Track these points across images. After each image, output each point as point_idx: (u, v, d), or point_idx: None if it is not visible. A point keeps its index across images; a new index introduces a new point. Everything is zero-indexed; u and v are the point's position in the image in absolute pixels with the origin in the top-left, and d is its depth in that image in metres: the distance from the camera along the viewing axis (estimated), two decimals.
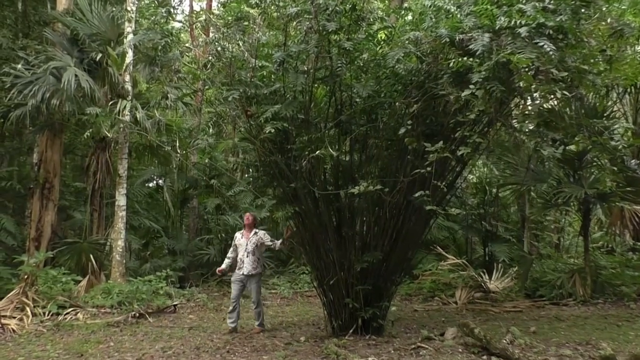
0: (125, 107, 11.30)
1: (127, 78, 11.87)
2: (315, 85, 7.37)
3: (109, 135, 11.42)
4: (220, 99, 8.02)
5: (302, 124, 7.33)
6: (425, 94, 6.54)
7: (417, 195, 6.07)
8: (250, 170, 16.79)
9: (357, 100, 7.34)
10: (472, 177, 15.61)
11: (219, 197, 15.06)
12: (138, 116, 11.25)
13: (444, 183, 6.87)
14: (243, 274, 7.87)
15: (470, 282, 11.16)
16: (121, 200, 11.59)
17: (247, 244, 7.94)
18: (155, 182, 18.39)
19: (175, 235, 15.27)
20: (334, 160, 7.42)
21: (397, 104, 6.92)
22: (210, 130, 16.99)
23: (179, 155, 15.52)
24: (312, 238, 7.70)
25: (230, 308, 8.00)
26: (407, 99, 6.70)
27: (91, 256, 11.10)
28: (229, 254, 8.15)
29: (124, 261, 11.61)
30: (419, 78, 6.78)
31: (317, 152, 6.47)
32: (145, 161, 14.91)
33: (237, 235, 8.14)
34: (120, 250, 11.41)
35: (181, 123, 15.53)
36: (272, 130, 6.64)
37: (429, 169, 5.76)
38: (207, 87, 10.90)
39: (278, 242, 7.93)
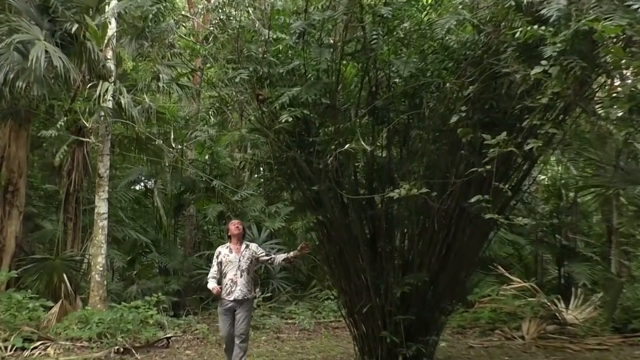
0: (107, 90, 11.46)
1: (110, 55, 12.05)
2: (344, 62, 7.39)
3: (87, 125, 11.60)
4: (224, 80, 8.09)
5: (327, 110, 7.35)
6: (484, 72, 6.50)
7: (473, 200, 6.03)
8: (262, 169, 16.95)
9: (397, 80, 7.34)
10: (543, 177, 15.48)
11: (222, 203, 15.21)
12: (123, 102, 11.42)
13: (507, 185, 6.82)
14: (235, 299, 7.52)
15: (541, 312, 11.05)
16: (102, 206, 11.77)
17: (239, 260, 7.62)
18: (143, 184, 18.64)
19: (168, 251, 15.47)
20: (368, 157, 7.43)
21: (447, 85, 6.90)
22: (212, 120, 17.14)
23: (173, 150, 15.71)
24: (340, 254, 7.74)
25: (225, 347, 7.95)
26: (460, 79, 6.68)
27: (65, 276, 11.27)
28: (213, 275, 7.81)
29: (105, 282, 11.79)
30: (475, 52, 6.75)
31: (347, 146, 6.49)
32: (132, 158, 15.14)
33: (222, 250, 7.80)
34: (101, 269, 11.59)
35: (176, 110, 15.73)
36: (290, 119, 6.68)
37: (488, 167, 5.72)
38: (208, 65, 11.02)
39: (279, 258, 7.71)
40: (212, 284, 7.68)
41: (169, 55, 13.44)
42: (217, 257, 7.74)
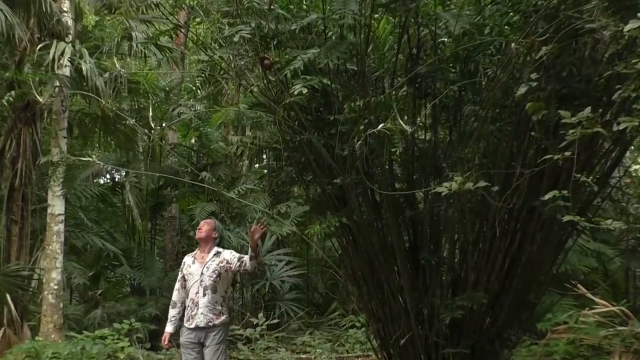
0: (62, 53, 11.52)
1: (66, 6, 12.11)
2: (376, 15, 7.39)
3: (37, 99, 11.67)
4: (217, 40, 8.11)
5: (353, 80, 7.35)
6: (560, 28, 6.48)
7: (546, 197, 6.03)
8: (266, 156, 16.99)
9: (445, 40, 7.34)
10: (638, 167, 15.39)
11: (213, 202, 15.29)
12: (84, 68, 11.49)
13: (591, 178, 6.81)
14: (196, 326, 7.45)
15: (635, 345, 11.02)
16: (56, 205, 11.86)
17: (202, 274, 7.58)
18: (110, 176, 18.76)
19: (143, 264, 15.60)
20: (407, 140, 7.44)
21: (512, 45, 6.88)
22: (201, 92, 17.21)
23: (149, 132, 15.77)
24: (370, 269, 7.77)
25: None
26: (529, 38, 6.66)
27: (8, 297, 11.35)
28: (174, 296, 7.79)
29: (61, 305, 11.88)
30: (549, 1, 6.73)
31: (379, 127, 6.48)
32: (96, 142, 15.22)
33: (187, 260, 7.88)
34: (55, 287, 11.68)
35: (154, 80, 15.79)
36: (305, 91, 6.68)
37: (567, 153, 5.71)
38: (196, 20, 11.05)
39: (247, 259, 7.53)
40: (169, 327, 7.72)
41: (144, 7, 13.45)
42: (181, 268, 7.91)
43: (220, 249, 7.79)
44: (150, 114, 14.13)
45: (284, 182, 9.55)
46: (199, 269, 7.62)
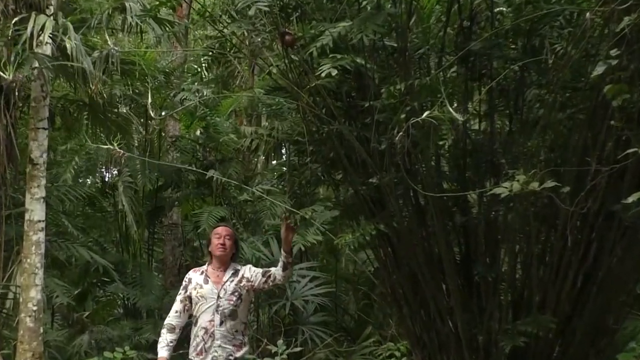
0: (43, 28, 11.57)
1: None
2: None
3: (10, 82, 11.71)
4: (229, 11, 8.11)
5: (393, 59, 7.33)
6: None
7: (629, 200, 5.98)
8: (286, 151, 16.94)
9: (503, 10, 7.32)
10: None
11: (222, 205, 15.30)
12: (68, 46, 11.51)
13: None
14: None
15: None
16: (36, 210, 11.90)
17: (218, 297, 7.51)
18: (100, 176, 18.82)
19: (139, 280, 15.62)
20: (458, 131, 7.41)
21: (586, 16, 6.82)
22: (208, 75, 17.23)
23: (147, 122, 15.82)
24: (413, 285, 7.79)
25: None
26: (607, 6, 6.60)
27: None
28: (172, 319, 7.67)
29: (42, 330, 11.92)
30: None
31: (424, 115, 6.45)
32: (83, 134, 15.26)
33: (194, 277, 7.73)
34: (34, 308, 11.72)
35: (151, 60, 15.81)
36: (334, 73, 6.68)
37: None
38: None
39: (277, 271, 7.50)
40: (161, 351, 7.56)
41: None
42: (185, 288, 7.73)
43: (238, 265, 7.78)
44: (148, 100, 14.19)
45: (308, 182, 9.53)
46: (214, 291, 7.50)
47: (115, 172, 17.52)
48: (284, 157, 17.85)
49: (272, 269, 7.59)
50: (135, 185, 16.42)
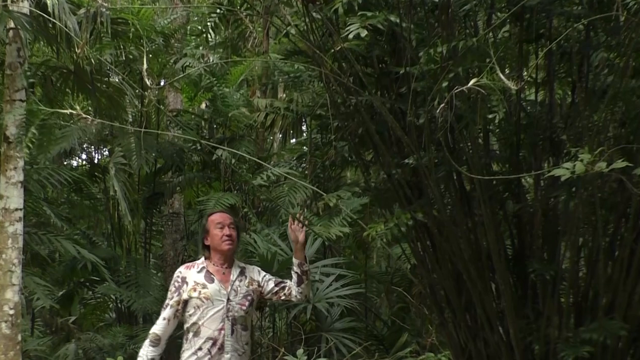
0: None
1: None
2: None
3: None
4: None
5: (433, 16, 7.27)
6: None
7: None
8: (306, 127, 16.94)
9: None
10: None
11: (232, 191, 15.29)
12: (49, 3, 11.50)
13: None
14: None
15: None
16: (12, 197, 11.93)
17: (228, 299, 7.32)
18: (88, 156, 18.86)
19: (134, 279, 15.63)
20: (510, 103, 7.33)
21: None
22: (214, 37, 17.17)
23: (142, 93, 15.81)
24: (457, 286, 7.77)
25: None
26: None
27: None
28: (158, 329, 7.41)
29: (20, 338, 11.96)
30: None
31: (470, 84, 6.39)
32: (67, 107, 15.25)
33: (188, 275, 7.47)
34: (12, 312, 11.76)
35: (148, 19, 15.78)
36: (364, 34, 6.65)
37: None
38: None
39: (293, 284, 7.48)
40: None
41: None
42: (178, 287, 7.42)
43: (241, 263, 7.72)
44: (144, 67, 14.15)
45: (332, 163, 9.49)
46: (222, 292, 7.28)
47: (106, 152, 17.52)
48: (304, 134, 17.85)
49: (288, 282, 7.54)
50: (129, 168, 16.38)
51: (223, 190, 15.42)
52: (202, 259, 7.56)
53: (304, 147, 17.69)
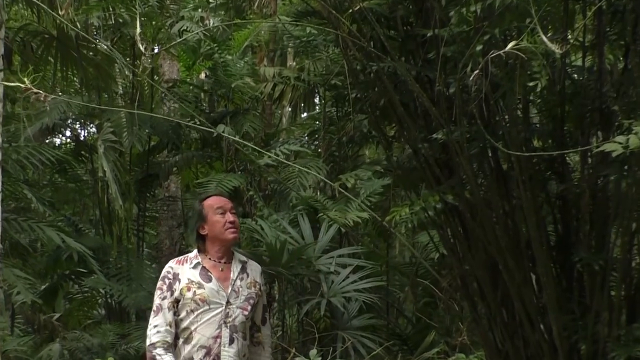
0: None
1: None
2: None
3: None
4: None
5: None
6: None
7: None
8: (320, 98, 16.91)
9: None
10: None
11: (237, 172, 15.29)
12: None
13: None
14: None
15: None
16: None
17: (228, 301, 6.89)
18: (71, 134, 18.87)
19: (126, 271, 15.66)
20: (555, 69, 7.29)
21: None
22: None
23: (134, 62, 15.80)
24: (492, 277, 7.80)
25: None
26: None
27: None
28: (165, 337, 6.86)
29: None
30: None
31: (508, 48, 6.36)
32: (49, 77, 15.28)
33: (180, 271, 6.99)
34: None
35: None
36: None
37: None
38: None
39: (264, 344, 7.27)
40: None
41: None
42: (170, 287, 6.93)
43: (241, 254, 7.34)
44: (136, 32, 14.13)
45: (350, 139, 9.46)
46: (221, 294, 6.86)
47: (94, 128, 17.53)
48: (317, 107, 17.85)
49: (262, 334, 7.28)
50: (120, 146, 16.39)
51: (225, 171, 15.42)
52: (195, 252, 7.08)
53: (317, 122, 17.69)
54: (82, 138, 19.41)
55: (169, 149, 16.50)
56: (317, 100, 17.51)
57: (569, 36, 7.40)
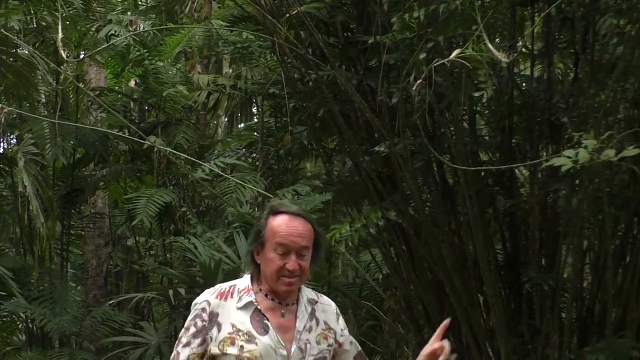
0: None
1: None
2: None
3: None
4: None
5: None
6: None
7: None
8: (257, 108, 16.93)
9: None
10: None
11: (169, 187, 15.27)
12: None
13: None
14: None
15: None
16: None
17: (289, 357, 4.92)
18: None
19: (50, 293, 15.59)
20: (501, 79, 7.39)
21: None
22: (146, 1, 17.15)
23: (58, 68, 15.78)
24: (438, 299, 7.86)
25: None
26: None
27: None
28: None
29: None
30: None
31: (453, 56, 6.45)
32: None
33: (222, 310, 4.99)
34: None
35: None
36: None
37: None
38: None
39: None
40: None
41: None
42: (203, 329, 4.94)
43: (311, 293, 5.29)
44: (59, 37, 14.14)
45: (288, 152, 9.51)
46: (280, 352, 4.92)
47: (14, 140, 17.46)
48: (255, 117, 17.86)
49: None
50: (42, 159, 16.35)
51: (157, 186, 15.37)
52: (248, 281, 5.13)
53: (255, 133, 17.70)
54: (1, 150, 19.33)
55: (95, 162, 16.43)
56: (254, 110, 17.52)
57: (517, 44, 7.51)
